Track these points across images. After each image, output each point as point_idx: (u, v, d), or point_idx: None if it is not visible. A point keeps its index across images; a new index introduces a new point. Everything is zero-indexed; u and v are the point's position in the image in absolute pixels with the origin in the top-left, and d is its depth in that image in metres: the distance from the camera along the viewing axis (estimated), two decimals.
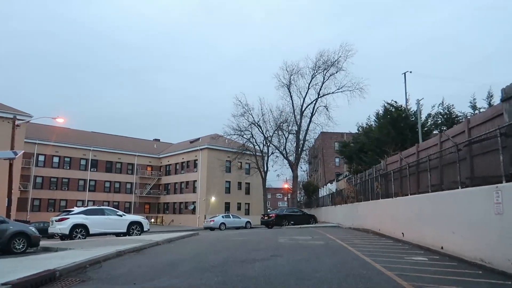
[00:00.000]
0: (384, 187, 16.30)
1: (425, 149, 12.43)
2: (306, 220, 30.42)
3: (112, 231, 19.67)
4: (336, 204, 28.74)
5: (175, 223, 52.61)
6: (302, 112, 43.89)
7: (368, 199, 19.03)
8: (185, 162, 54.89)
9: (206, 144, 50.84)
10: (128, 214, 21.17)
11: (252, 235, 17.98)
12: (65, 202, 50.12)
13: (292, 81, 43.92)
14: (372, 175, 19.10)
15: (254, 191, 53.10)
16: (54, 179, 49.98)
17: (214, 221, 34.64)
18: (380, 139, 18.48)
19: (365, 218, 18.94)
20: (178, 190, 55.32)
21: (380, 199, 16.39)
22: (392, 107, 19.25)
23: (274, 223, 29.16)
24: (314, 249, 10.35)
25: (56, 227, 18.44)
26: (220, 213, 45.67)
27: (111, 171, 54.97)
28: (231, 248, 11.11)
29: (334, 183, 34.44)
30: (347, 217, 23.99)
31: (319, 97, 42.99)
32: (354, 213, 21.41)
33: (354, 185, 22.57)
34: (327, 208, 34.75)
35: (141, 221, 20.91)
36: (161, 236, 17.09)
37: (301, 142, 43.60)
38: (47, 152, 49.39)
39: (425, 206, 10.87)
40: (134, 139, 63.09)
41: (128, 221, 20.35)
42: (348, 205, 23.66)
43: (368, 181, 18.85)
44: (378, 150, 18.98)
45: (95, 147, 53.35)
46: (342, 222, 25.75)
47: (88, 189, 52.41)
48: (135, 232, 20.48)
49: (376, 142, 19.02)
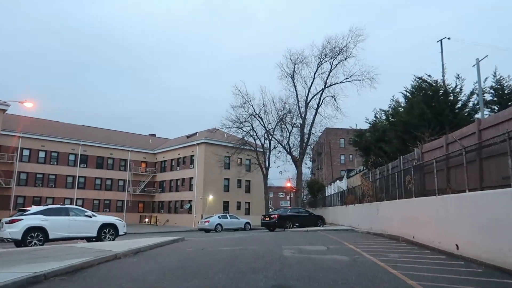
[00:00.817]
0: (419, 181, 12.62)
1: (493, 126, 8.72)
2: (313, 221, 26.73)
3: (78, 235, 16.09)
4: (348, 204, 25.05)
5: (170, 223, 49.03)
6: (307, 103, 40.24)
7: (393, 197, 15.34)
8: (181, 158, 51.27)
9: (204, 139, 47.18)
10: (99, 215, 17.55)
11: (249, 242, 14.35)
12: (51, 200, 46.44)
13: (297, 70, 40.31)
14: (398, 168, 15.41)
15: (255, 189, 49.40)
16: (40, 175, 46.47)
17: (209, 222, 31.03)
18: (409, 122, 14.77)
19: (389, 221, 15.25)
20: (174, 188, 51.70)
21: (413, 198, 12.71)
22: (425, 83, 15.47)
23: (276, 225, 25.51)
24: (338, 273, 6.69)
25: (5, 231, 14.84)
26: (219, 212, 42.19)
27: (102, 167, 51.41)
28: (213, 268, 7.47)
29: (344, 180, 30.77)
30: (362, 219, 20.30)
31: (326, 87, 39.38)
32: (373, 214, 17.73)
33: (372, 181, 18.88)
34: (336, 209, 31.06)
35: (115, 223, 17.30)
36: (135, 243, 13.49)
37: (306, 136, 39.90)
38: (32, 146, 45.88)
39: (505, 207, 7.17)
40: (128, 134, 59.54)
41: (99, 223, 16.74)
42: (364, 205, 19.97)
43: (395, 175, 15.16)
44: (406, 137, 15.34)
45: (85, 141, 49.80)
46: (356, 224, 22.06)
47: (77, 186, 48.88)
48: (108, 236, 16.89)
49: (403, 127, 15.35)
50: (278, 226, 25.53)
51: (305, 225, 26.06)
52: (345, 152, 75.09)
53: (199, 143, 47.53)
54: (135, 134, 61.09)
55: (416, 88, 15.57)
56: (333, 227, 24.28)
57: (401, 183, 14.76)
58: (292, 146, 40.72)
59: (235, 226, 32.69)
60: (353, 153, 75.12)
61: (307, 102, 40.20)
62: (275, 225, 25.61)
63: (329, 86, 39.30)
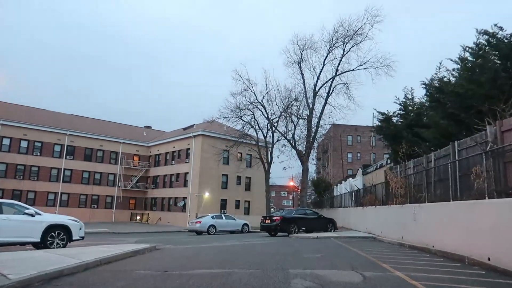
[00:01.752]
0: (495, 175, 8.39)
1: None
2: (322, 225, 22.45)
3: (12, 240, 11.94)
4: (365, 205, 20.80)
5: (163, 222, 44.94)
6: (315, 92, 35.94)
7: (442, 198, 11.11)
8: (176, 152, 47.08)
9: (200, 130, 42.94)
10: (46, 213, 13.38)
11: (240, 258, 10.17)
12: (33, 194, 42.73)
13: (305, 56, 36.02)
14: (450, 157, 11.17)
15: (256, 187, 45.10)
16: (21, 167, 42.41)
17: (201, 223, 26.85)
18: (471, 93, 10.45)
19: (437, 231, 11.03)
20: (168, 184, 47.51)
21: (486, 199, 8.49)
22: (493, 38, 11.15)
23: (278, 229, 21.29)
24: None
25: None
26: (216, 212, 38.07)
27: (91, 159, 47.27)
28: None
29: (359, 177, 26.50)
30: (388, 225, 16.05)
31: (337, 74, 35.06)
32: (407, 220, 13.49)
33: (404, 176, 14.62)
34: (347, 210, 26.82)
35: (67, 224, 13.12)
36: (84, 253, 9.39)
37: (313, 129, 35.64)
38: (13, 134, 41.85)
39: None
40: (120, 125, 55.42)
41: (45, 224, 12.56)
42: (391, 207, 15.72)
43: (446, 168, 10.89)
44: (463, 115, 11.13)
45: (72, 131, 45.67)
46: (377, 231, 17.82)
47: (63, 179, 44.77)
48: (57, 241, 12.75)
49: (459, 101, 11.09)
50: (280, 230, 21.32)
51: (313, 230, 21.87)
52: (353, 150, 70.82)
53: (196, 135, 43.33)
54: (128, 125, 56.87)
55: (479, 48, 11.29)
56: (348, 233, 20.04)
57: (455, 178, 10.52)
58: (298, 140, 36.49)
59: (231, 228, 28.50)
60: (361, 151, 70.89)
61: (315, 91, 35.93)
62: (277, 229, 21.40)
63: (341, 74, 35.07)
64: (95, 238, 21.23)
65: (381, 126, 18.54)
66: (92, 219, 45.07)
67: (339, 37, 34.49)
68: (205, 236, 24.86)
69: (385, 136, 18.56)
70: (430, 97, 14.27)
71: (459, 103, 11.21)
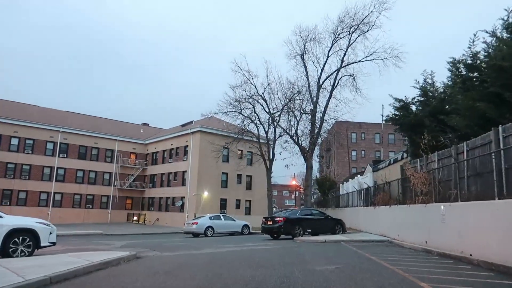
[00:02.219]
0: None
1: None
2: (330, 227, 20.41)
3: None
4: (378, 205, 18.77)
5: (161, 222, 43.05)
6: (319, 85, 33.97)
7: (486, 195, 9.10)
8: (174, 149, 45.15)
9: (199, 127, 40.96)
10: (8, 215, 11.44)
11: (233, 270, 8.19)
12: (24, 194, 40.87)
13: (308, 47, 34.06)
14: (487, 147, 9.17)
15: (257, 186, 43.08)
16: (12, 165, 40.52)
17: (198, 224, 24.87)
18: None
19: (472, 236, 9.03)
20: (166, 183, 45.55)
21: None
22: None
23: (281, 231, 19.28)
24: None
25: None
26: (215, 211, 36.20)
27: (85, 158, 45.34)
28: None
29: (369, 174, 24.46)
30: (407, 228, 14.02)
31: (342, 66, 33.09)
32: (433, 222, 11.48)
33: (427, 171, 12.60)
34: (356, 210, 24.80)
35: (34, 227, 11.18)
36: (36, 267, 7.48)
37: (317, 124, 33.65)
38: (3, 131, 39.97)
39: None
40: (116, 122, 53.53)
41: (7, 228, 10.65)
42: (410, 206, 13.69)
43: (493, 157, 8.87)
44: (508, 94, 9.13)
45: (65, 128, 43.76)
46: (393, 233, 15.80)
47: (56, 178, 42.87)
48: (22, 248, 10.84)
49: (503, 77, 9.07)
50: (284, 232, 19.31)
51: (319, 231, 19.87)
52: (357, 147, 68.74)
53: (194, 131, 41.37)
54: (124, 122, 54.96)
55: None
56: (360, 236, 18.03)
57: (500, 171, 8.51)
58: (301, 136, 34.48)
59: (230, 230, 26.54)
60: (365, 149, 68.74)
61: (319, 84, 33.95)
62: (280, 232, 19.39)
63: (346, 66, 33.12)
64: (80, 241, 19.33)
65: (397, 115, 16.45)
66: (87, 220, 43.26)
67: (345, 27, 32.56)
68: (201, 238, 22.92)
69: (402, 126, 16.42)
70: (459, 78, 12.17)
71: (505, 79, 9.19)
